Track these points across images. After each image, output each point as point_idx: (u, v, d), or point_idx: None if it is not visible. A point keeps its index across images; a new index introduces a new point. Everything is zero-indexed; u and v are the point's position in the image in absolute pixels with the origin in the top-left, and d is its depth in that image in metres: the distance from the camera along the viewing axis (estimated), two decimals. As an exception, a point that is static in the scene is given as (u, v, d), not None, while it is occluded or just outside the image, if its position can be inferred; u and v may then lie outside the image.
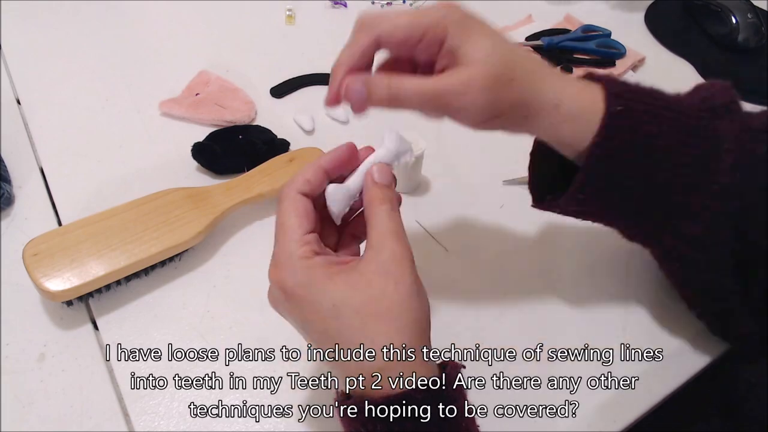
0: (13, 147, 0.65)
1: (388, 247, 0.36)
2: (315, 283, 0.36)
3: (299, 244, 0.37)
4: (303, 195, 0.39)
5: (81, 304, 0.53)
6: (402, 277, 0.36)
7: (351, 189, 0.40)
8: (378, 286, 0.35)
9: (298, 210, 0.38)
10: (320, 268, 0.36)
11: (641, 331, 0.54)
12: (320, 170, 0.40)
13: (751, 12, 0.84)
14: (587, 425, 0.48)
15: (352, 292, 0.35)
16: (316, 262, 0.37)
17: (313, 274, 0.36)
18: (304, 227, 0.38)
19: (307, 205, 0.39)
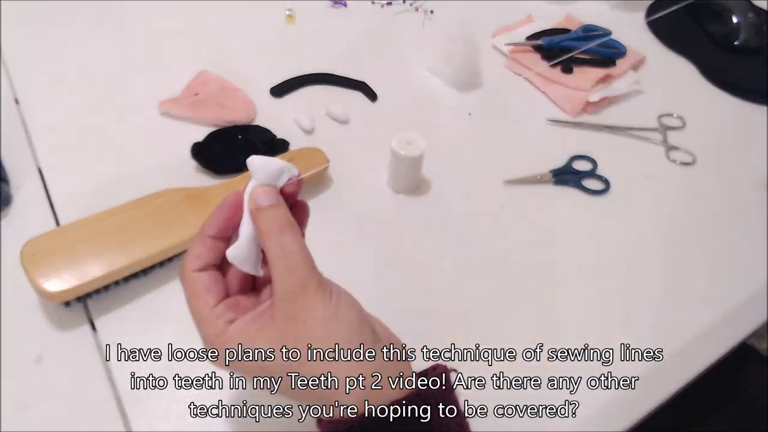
0: (12, 147, 0.65)
1: (286, 284, 0.34)
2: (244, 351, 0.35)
3: (210, 322, 0.36)
4: (199, 271, 0.37)
5: (79, 304, 0.53)
6: (308, 312, 0.34)
7: (247, 236, 0.37)
8: (291, 334, 0.34)
9: (197, 290, 0.36)
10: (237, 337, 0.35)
11: (641, 331, 0.54)
12: (206, 240, 0.37)
13: (752, 12, 0.84)
14: (587, 425, 0.48)
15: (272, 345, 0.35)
16: (231, 334, 0.35)
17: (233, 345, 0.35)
18: (209, 304, 0.36)
19: (205, 280, 0.37)
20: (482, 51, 0.81)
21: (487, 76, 0.80)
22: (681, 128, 0.75)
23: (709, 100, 0.80)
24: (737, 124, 0.77)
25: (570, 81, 0.77)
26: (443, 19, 0.89)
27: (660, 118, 0.76)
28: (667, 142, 0.73)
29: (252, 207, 0.36)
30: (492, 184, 0.66)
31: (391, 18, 0.89)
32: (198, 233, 0.38)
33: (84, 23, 0.82)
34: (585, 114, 0.76)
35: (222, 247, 0.38)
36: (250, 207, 0.37)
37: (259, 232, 0.36)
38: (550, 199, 0.66)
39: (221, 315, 0.36)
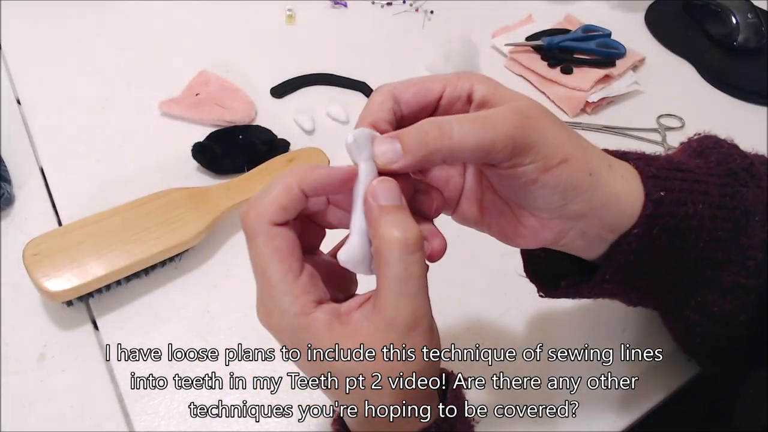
0: (13, 147, 0.65)
1: (397, 311, 0.30)
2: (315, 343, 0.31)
3: (294, 296, 0.30)
4: (281, 226, 0.31)
5: (81, 304, 0.53)
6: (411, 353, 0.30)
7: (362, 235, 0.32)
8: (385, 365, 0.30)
9: (280, 250, 0.31)
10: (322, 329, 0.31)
11: (641, 331, 0.54)
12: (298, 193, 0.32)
13: (751, 12, 0.84)
14: (587, 425, 0.48)
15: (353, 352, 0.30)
16: (315, 321, 0.30)
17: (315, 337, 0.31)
18: (293, 271, 0.31)
19: (290, 240, 0.31)
20: (482, 51, 0.81)
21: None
22: (680, 128, 0.75)
23: (709, 101, 0.80)
24: (736, 125, 0.77)
25: (569, 81, 0.77)
26: (443, 19, 0.89)
27: (659, 118, 0.76)
28: (667, 143, 0.73)
29: (372, 204, 0.31)
30: (492, 184, 0.66)
31: (391, 18, 0.89)
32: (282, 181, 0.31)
33: (85, 23, 0.82)
34: (584, 114, 0.76)
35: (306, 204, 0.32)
36: (369, 203, 0.31)
37: (380, 238, 0.30)
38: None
39: (308, 290, 0.31)
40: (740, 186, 0.40)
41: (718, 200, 0.39)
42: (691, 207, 0.37)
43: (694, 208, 0.37)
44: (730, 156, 0.42)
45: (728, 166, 0.41)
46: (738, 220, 0.39)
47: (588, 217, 0.36)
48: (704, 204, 0.38)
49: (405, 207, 0.31)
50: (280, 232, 0.31)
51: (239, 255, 0.58)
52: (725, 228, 0.39)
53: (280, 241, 0.31)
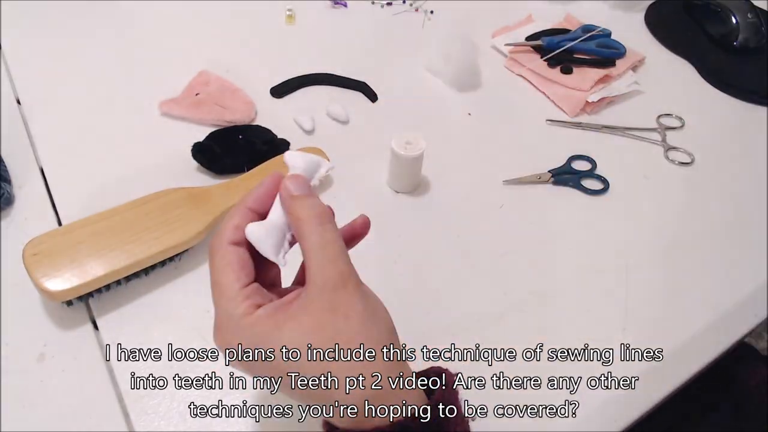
0: (13, 147, 0.65)
1: (325, 275, 0.33)
2: (265, 340, 0.33)
3: (238, 302, 0.34)
4: (235, 245, 0.36)
5: (81, 304, 0.53)
6: (350, 307, 0.33)
7: (274, 221, 0.36)
8: (329, 325, 0.33)
9: (231, 264, 0.35)
10: (266, 322, 0.34)
11: (641, 331, 0.54)
12: (246, 212, 0.37)
13: (751, 12, 0.84)
14: (587, 425, 0.48)
15: (306, 337, 0.33)
16: (259, 317, 0.34)
17: (260, 330, 0.34)
18: (241, 281, 0.35)
19: (241, 256, 0.36)
20: (482, 51, 0.81)
21: (486, 76, 0.80)
22: (680, 128, 0.75)
23: (708, 101, 0.80)
24: (736, 125, 0.77)
25: (569, 81, 0.77)
26: (443, 19, 0.89)
27: (659, 118, 0.76)
28: (666, 142, 0.73)
29: (285, 194, 0.36)
30: (491, 184, 0.66)
31: (391, 18, 0.89)
32: (237, 204, 0.37)
33: (85, 23, 0.82)
34: (584, 114, 0.76)
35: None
36: (282, 194, 0.36)
37: (297, 220, 0.35)
38: (549, 199, 0.66)
39: (250, 296, 0.35)
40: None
41: None
42: None
43: None
44: None
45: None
46: None
47: None
48: None
49: (314, 194, 0.36)
50: (235, 249, 0.36)
51: (239, 255, 0.58)
52: None
53: (232, 256, 0.35)
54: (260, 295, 0.35)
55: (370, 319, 0.34)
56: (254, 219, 0.37)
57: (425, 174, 0.65)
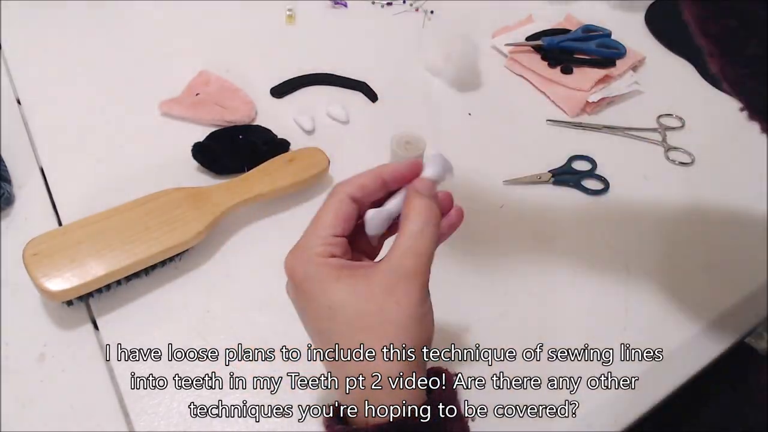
0: (13, 147, 0.65)
1: (403, 263, 0.35)
2: (319, 281, 0.35)
3: (322, 242, 0.36)
4: (352, 199, 0.38)
5: (81, 303, 0.53)
6: (406, 297, 0.35)
7: (391, 212, 0.39)
8: (378, 301, 0.34)
9: (339, 211, 0.37)
10: (330, 268, 0.36)
11: (641, 331, 0.54)
12: (379, 179, 0.39)
13: (751, 12, 0.84)
14: (587, 425, 0.48)
15: (351, 299, 0.35)
16: (328, 262, 0.36)
17: (321, 271, 0.36)
18: (336, 229, 0.37)
19: (350, 211, 0.38)
20: (482, 51, 0.81)
21: (486, 76, 0.80)
22: (680, 128, 0.75)
23: (708, 101, 0.80)
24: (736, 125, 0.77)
25: (569, 81, 0.77)
26: (443, 19, 0.89)
27: (659, 118, 0.76)
28: (666, 143, 0.73)
29: (412, 190, 0.38)
30: (491, 184, 0.66)
31: (391, 18, 0.89)
32: (374, 169, 0.39)
33: (85, 23, 0.82)
34: (584, 114, 0.76)
35: (382, 197, 0.40)
36: (410, 190, 0.38)
37: (411, 209, 0.37)
38: (549, 199, 0.66)
39: (334, 245, 0.37)
40: None
41: None
42: None
43: None
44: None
45: None
46: None
47: None
48: None
49: (435, 197, 0.38)
50: (348, 201, 0.38)
51: (239, 255, 0.58)
52: None
53: (344, 206, 0.38)
54: (342, 250, 0.37)
55: (417, 319, 0.35)
56: (379, 187, 0.39)
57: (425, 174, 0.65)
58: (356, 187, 0.38)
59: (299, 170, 0.61)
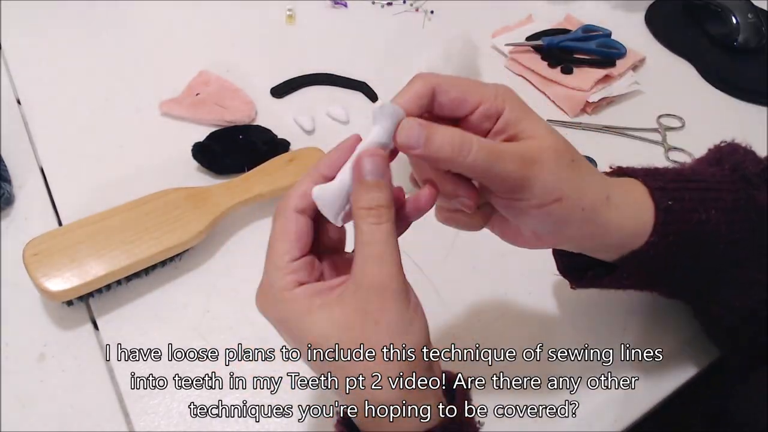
0: (13, 147, 0.65)
1: (367, 275, 0.32)
2: (293, 320, 0.33)
3: (282, 273, 0.34)
4: (299, 212, 0.35)
5: (81, 303, 0.53)
6: (382, 313, 0.32)
7: (344, 183, 0.35)
8: (357, 326, 0.32)
9: (288, 233, 0.35)
10: (299, 302, 0.33)
11: (641, 331, 0.54)
12: (318, 177, 0.35)
13: (751, 12, 0.84)
14: (587, 425, 0.48)
15: (331, 331, 0.32)
16: (295, 295, 0.33)
17: (291, 309, 0.33)
18: (292, 253, 0.34)
19: (301, 226, 0.35)
20: (482, 51, 0.81)
21: (486, 76, 0.79)
22: (680, 128, 0.75)
23: (709, 101, 0.80)
24: (737, 125, 0.77)
25: (569, 81, 0.77)
26: (443, 19, 0.89)
27: (659, 118, 0.76)
28: (667, 143, 0.73)
29: (357, 174, 0.34)
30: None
31: (391, 18, 0.89)
32: (310, 169, 0.36)
33: (85, 23, 0.82)
34: (584, 114, 0.76)
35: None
36: (354, 172, 0.34)
37: (355, 208, 0.34)
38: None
39: (296, 271, 0.34)
40: (753, 190, 0.42)
41: (731, 205, 0.42)
42: (704, 213, 0.41)
43: (707, 214, 0.41)
44: (743, 162, 0.44)
45: (742, 172, 0.44)
46: (753, 222, 0.42)
47: (584, 241, 0.41)
48: (717, 209, 0.41)
49: (384, 183, 0.34)
50: (296, 218, 0.35)
51: (239, 255, 0.58)
52: (741, 230, 0.41)
53: (292, 224, 0.35)
54: (307, 272, 0.35)
55: (401, 330, 0.33)
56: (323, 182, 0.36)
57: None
58: (298, 197, 0.35)
59: (299, 170, 0.61)
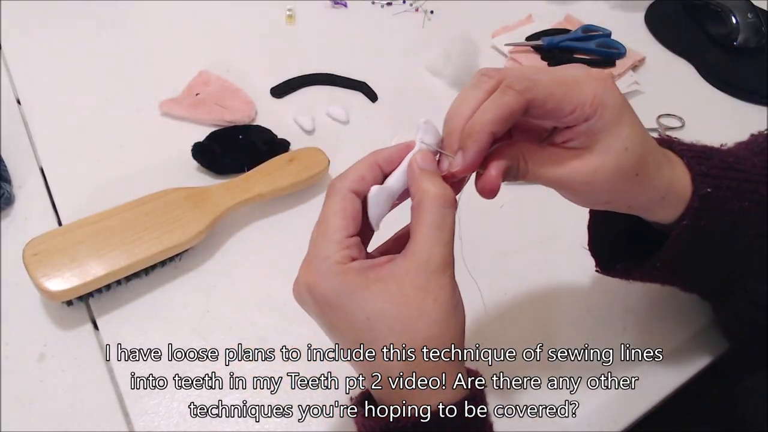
0: (13, 147, 0.65)
1: (430, 254, 0.34)
2: (349, 292, 0.34)
3: (339, 247, 0.34)
4: (355, 194, 0.36)
5: (81, 303, 0.53)
6: (441, 292, 0.34)
7: (394, 189, 0.37)
8: (416, 303, 0.33)
9: (346, 210, 0.35)
10: (356, 275, 0.34)
11: (641, 331, 0.54)
12: (376, 166, 0.37)
13: (751, 12, 0.84)
14: (587, 425, 0.48)
15: (389, 306, 0.33)
16: (351, 268, 0.34)
17: (348, 281, 0.34)
18: (349, 229, 0.35)
19: (356, 206, 0.36)
20: (482, 51, 0.81)
21: (487, 76, 0.80)
22: (680, 128, 0.75)
23: (708, 101, 0.80)
24: (736, 125, 0.77)
25: (570, 81, 0.77)
26: (443, 19, 0.89)
27: (659, 118, 0.76)
28: (667, 143, 0.73)
29: (414, 166, 0.36)
30: (492, 184, 0.66)
31: (391, 18, 0.89)
32: (368, 156, 0.37)
33: (85, 23, 0.82)
34: (585, 114, 0.76)
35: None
36: (411, 166, 0.36)
37: (422, 192, 0.35)
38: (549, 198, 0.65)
39: (351, 247, 0.35)
40: None
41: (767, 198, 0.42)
42: (737, 203, 0.41)
43: (740, 205, 0.41)
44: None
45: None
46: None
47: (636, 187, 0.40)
48: (751, 201, 0.41)
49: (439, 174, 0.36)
50: (353, 198, 0.36)
51: (239, 255, 0.58)
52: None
53: (349, 204, 0.36)
54: (358, 250, 0.36)
55: (453, 311, 0.34)
56: (379, 175, 0.37)
57: (425, 174, 0.65)
58: (355, 180, 0.36)
59: (299, 170, 0.61)
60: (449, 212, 0.35)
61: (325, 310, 0.35)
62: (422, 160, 0.36)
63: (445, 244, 0.34)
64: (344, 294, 0.34)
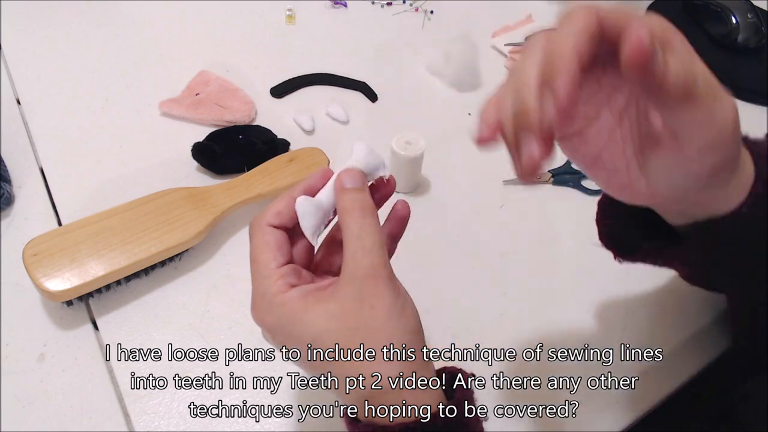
0: (13, 147, 0.65)
1: (359, 264, 0.34)
2: (292, 321, 0.34)
3: (273, 279, 0.35)
4: (274, 227, 0.37)
5: (81, 304, 0.53)
6: (377, 298, 0.34)
7: (323, 202, 0.38)
8: (353, 315, 0.34)
9: (269, 243, 0.36)
10: (296, 302, 0.35)
11: (641, 331, 0.54)
12: (291, 200, 0.38)
13: (751, 12, 0.84)
14: (587, 425, 0.48)
15: (330, 324, 0.34)
16: (290, 297, 0.35)
17: (288, 311, 0.35)
18: (277, 260, 0.36)
19: (279, 237, 0.37)
20: (482, 51, 0.81)
21: (487, 76, 0.80)
22: (680, 128, 0.75)
23: (709, 101, 0.80)
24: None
25: (570, 81, 0.77)
26: (443, 19, 0.89)
27: (659, 118, 0.76)
28: (667, 143, 0.73)
29: (338, 185, 0.37)
30: (491, 184, 0.66)
31: (391, 18, 0.89)
32: (285, 192, 0.38)
33: (85, 23, 0.82)
34: (585, 114, 0.76)
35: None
36: (336, 185, 0.37)
37: (341, 210, 0.36)
38: (549, 199, 0.66)
39: (285, 276, 0.36)
40: None
41: None
42: None
43: None
44: None
45: None
46: None
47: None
48: None
49: (364, 189, 0.37)
50: (272, 231, 0.37)
51: (239, 255, 0.58)
52: None
53: (270, 236, 0.37)
54: (296, 276, 0.36)
55: (396, 315, 0.34)
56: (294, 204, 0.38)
57: (425, 174, 0.65)
58: (272, 215, 0.37)
59: (299, 170, 0.61)
60: (368, 221, 0.35)
61: (278, 339, 0.36)
62: (346, 177, 0.37)
63: (367, 251, 0.34)
64: (287, 323, 0.35)
